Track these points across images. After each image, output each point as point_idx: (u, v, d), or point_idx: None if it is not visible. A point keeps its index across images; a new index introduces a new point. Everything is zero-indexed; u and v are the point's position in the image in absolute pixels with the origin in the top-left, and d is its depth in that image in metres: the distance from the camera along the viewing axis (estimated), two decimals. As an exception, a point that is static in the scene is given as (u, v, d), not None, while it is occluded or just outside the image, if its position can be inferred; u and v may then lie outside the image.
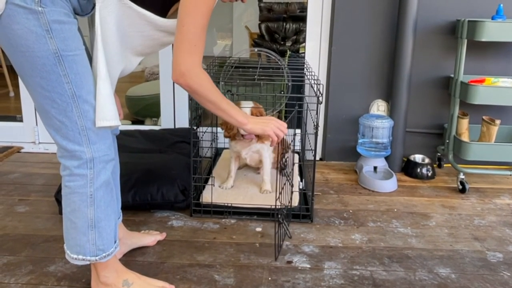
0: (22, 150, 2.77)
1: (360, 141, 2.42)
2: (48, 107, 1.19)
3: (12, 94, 4.20)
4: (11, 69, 4.29)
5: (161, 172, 2.02)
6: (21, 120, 2.79)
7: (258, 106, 2.03)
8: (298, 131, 2.48)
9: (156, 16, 1.28)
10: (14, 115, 2.91)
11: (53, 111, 1.19)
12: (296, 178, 2.15)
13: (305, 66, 2.35)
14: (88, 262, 1.33)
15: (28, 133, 2.78)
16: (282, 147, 2.24)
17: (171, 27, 1.30)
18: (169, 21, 1.30)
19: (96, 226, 1.29)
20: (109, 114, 1.23)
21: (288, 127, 1.55)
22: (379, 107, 2.60)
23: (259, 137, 1.98)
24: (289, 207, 1.75)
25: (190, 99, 1.87)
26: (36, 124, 2.77)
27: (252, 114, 1.95)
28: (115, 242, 1.36)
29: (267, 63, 2.44)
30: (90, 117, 1.22)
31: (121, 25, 1.25)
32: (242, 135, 1.98)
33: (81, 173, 1.25)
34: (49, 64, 1.15)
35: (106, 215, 1.31)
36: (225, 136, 2.05)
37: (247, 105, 1.99)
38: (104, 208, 1.30)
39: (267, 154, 2.08)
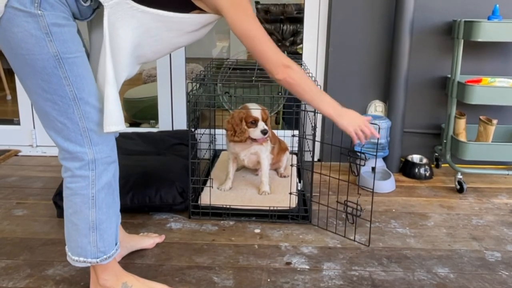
0: (20, 154, 2.76)
1: (358, 141, 2.42)
2: (49, 109, 1.19)
3: (9, 97, 4.19)
4: (8, 73, 4.28)
5: (160, 174, 2.01)
6: (18, 124, 2.79)
7: (264, 108, 2.04)
8: (296, 132, 2.48)
9: (171, 12, 1.25)
10: (12, 119, 2.90)
11: (54, 113, 1.20)
12: (295, 179, 2.15)
13: (303, 67, 2.35)
14: (89, 264, 1.32)
15: (25, 136, 2.78)
16: (281, 149, 2.24)
17: (187, 23, 1.28)
18: (185, 15, 1.27)
19: (98, 228, 1.29)
20: (117, 120, 1.23)
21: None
22: (376, 107, 2.60)
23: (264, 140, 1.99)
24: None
25: (188, 101, 1.87)
26: (34, 127, 2.76)
27: (263, 117, 1.98)
28: (116, 244, 1.36)
29: (264, 65, 2.44)
30: (92, 118, 1.22)
31: (135, 35, 1.24)
32: (255, 139, 1.98)
33: (83, 175, 1.25)
34: (50, 66, 1.15)
35: (108, 217, 1.31)
36: (231, 140, 2.02)
37: (255, 108, 1.99)
38: (106, 210, 1.30)
39: (265, 156, 2.09)
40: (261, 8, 5.58)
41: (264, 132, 1.96)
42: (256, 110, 1.98)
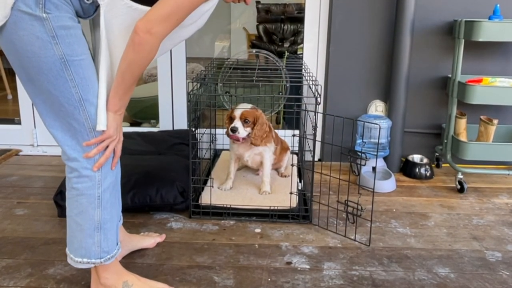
0: (21, 153, 2.77)
1: (358, 141, 2.43)
2: (56, 110, 1.20)
3: (10, 97, 4.20)
4: (9, 72, 4.29)
5: (160, 174, 2.02)
6: (19, 123, 2.79)
7: (254, 109, 2.02)
8: (296, 132, 2.48)
9: None
10: (13, 118, 2.91)
11: (61, 114, 1.20)
12: (295, 179, 2.15)
13: (303, 67, 2.35)
14: (93, 265, 1.33)
15: (26, 136, 2.78)
16: (282, 149, 2.25)
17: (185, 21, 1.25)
18: None
19: (102, 228, 1.30)
20: (105, 120, 1.23)
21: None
22: (377, 107, 2.60)
23: (252, 140, 1.98)
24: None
25: (189, 100, 1.87)
26: (35, 127, 2.77)
27: (241, 116, 1.96)
28: (117, 244, 1.37)
29: (265, 65, 2.44)
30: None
31: (129, 30, 1.23)
32: (229, 135, 1.99)
33: (90, 175, 1.25)
34: (56, 69, 1.15)
35: (111, 216, 1.32)
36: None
37: (242, 107, 1.99)
38: (110, 209, 1.31)
39: (268, 156, 2.09)
40: (261, 7, 5.58)
41: (232, 129, 1.95)
42: (238, 109, 1.98)
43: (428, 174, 2.45)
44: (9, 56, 1.17)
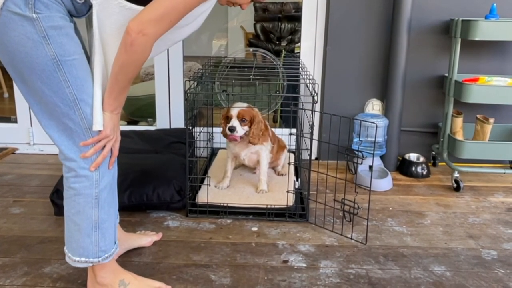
0: (17, 152, 2.76)
1: (355, 140, 2.43)
2: (51, 110, 1.20)
3: (6, 95, 4.19)
4: (5, 70, 4.27)
5: (157, 172, 2.01)
6: (15, 121, 2.78)
7: (250, 107, 2.02)
8: (293, 130, 2.49)
9: None
10: (9, 116, 2.90)
11: (56, 114, 1.20)
12: (292, 177, 2.15)
13: (300, 65, 2.35)
14: (90, 264, 1.33)
15: (22, 134, 2.77)
16: (279, 147, 2.25)
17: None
18: None
19: (100, 227, 1.29)
20: (101, 120, 1.23)
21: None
22: (374, 106, 2.61)
23: (250, 139, 1.98)
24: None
25: (186, 99, 1.87)
26: (31, 125, 2.76)
27: (238, 115, 1.95)
28: (115, 243, 1.37)
29: (262, 63, 2.44)
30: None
31: (122, 30, 1.21)
32: (227, 135, 1.99)
33: (87, 174, 1.25)
34: (48, 69, 1.15)
35: (109, 216, 1.32)
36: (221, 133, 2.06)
37: (238, 106, 1.98)
38: (107, 209, 1.31)
39: (265, 155, 2.09)
40: (259, 6, 5.58)
41: (230, 129, 1.95)
42: (235, 108, 1.98)
43: (424, 173, 2.45)
44: (1, 57, 1.16)
